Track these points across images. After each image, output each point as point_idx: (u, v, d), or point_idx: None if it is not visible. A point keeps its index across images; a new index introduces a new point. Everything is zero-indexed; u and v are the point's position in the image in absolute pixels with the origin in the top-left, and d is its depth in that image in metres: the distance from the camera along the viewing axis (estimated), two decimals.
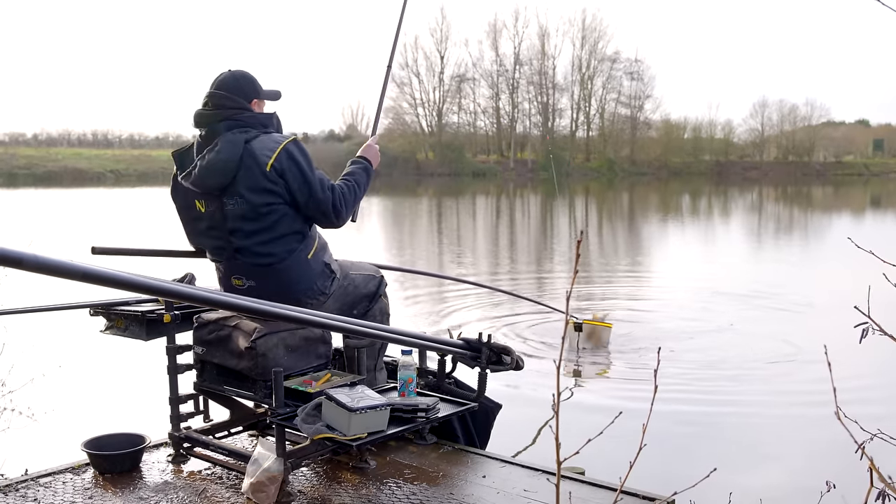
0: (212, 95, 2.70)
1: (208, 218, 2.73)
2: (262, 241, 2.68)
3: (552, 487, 2.50)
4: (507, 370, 3.03)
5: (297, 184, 2.66)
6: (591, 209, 27.37)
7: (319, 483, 2.73)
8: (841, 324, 2.25)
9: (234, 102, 2.69)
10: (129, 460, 2.84)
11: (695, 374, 5.64)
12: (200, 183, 2.66)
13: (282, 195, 2.65)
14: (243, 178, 2.61)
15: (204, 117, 2.69)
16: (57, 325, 5.24)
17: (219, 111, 2.68)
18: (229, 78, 2.74)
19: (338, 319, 2.54)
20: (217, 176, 2.62)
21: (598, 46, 58.22)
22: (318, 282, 2.83)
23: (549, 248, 15.15)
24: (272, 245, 2.69)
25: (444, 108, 57.31)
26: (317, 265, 2.82)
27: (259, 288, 2.73)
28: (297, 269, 2.75)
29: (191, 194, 2.75)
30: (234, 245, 2.71)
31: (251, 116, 2.71)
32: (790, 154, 59.95)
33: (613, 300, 8.84)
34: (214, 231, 2.74)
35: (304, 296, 2.79)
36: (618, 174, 54.08)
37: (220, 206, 2.69)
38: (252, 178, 2.61)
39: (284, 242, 2.71)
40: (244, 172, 2.61)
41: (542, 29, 60.67)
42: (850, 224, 20.21)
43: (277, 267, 2.72)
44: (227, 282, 2.83)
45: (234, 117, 2.67)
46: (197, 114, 2.71)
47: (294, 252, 2.73)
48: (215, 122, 2.67)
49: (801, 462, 4.06)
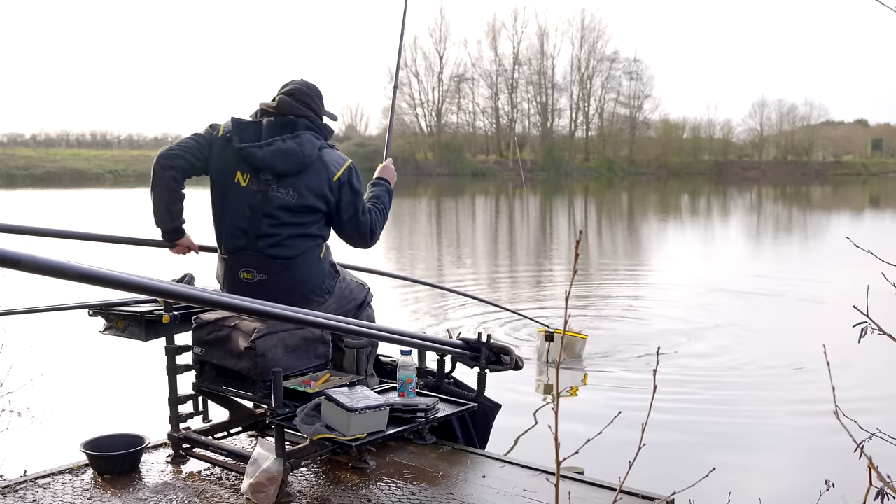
0: (297, 91, 2.84)
1: (246, 194, 2.74)
2: (290, 234, 2.73)
3: (551, 487, 2.50)
4: (506, 370, 3.04)
5: (347, 201, 2.79)
6: (590, 209, 27.38)
7: (319, 483, 2.72)
8: (840, 323, 2.25)
9: (313, 107, 2.87)
10: (129, 461, 2.84)
11: (694, 373, 5.64)
12: (269, 161, 2.69)
13: (330, 205, 2.78)
14: (307, 177, 2.72)
15: (288, 106, 2.81)
16: (56, 326, 5.24)
17: (302, 108, 2.83)
18: (313, 85, 2.92)
19: (337, 319, 2.54)
20: (290, 164, 2.70)
21: (597, 46, 58.33)
22: (326, 280, 2.86)
23: (547, 247, 15.15)
24: (297, 241, 2.75)
25: (443, 108, 57.43)
26: (325, 264, 2.87)
27: (270, 282, 2.74)
28: (309, 266, 2.80)
29: (236, 162, 2.75)
30: (261, 230, 2.71)
31: (325, 126, 2.89)
32: (789, 154, 59.97)
33: (613, 299, 8.84)
34: (247, 209, 2.74)
35: (312, 293, 2.81)
36: (617, 174, 54.10)
37: (265, 189, 2.72)
38: (317, 181, 2.73)
39: (307, 241, 2.78)
40: (312, 173, 2.73)
41: (541, 29, 60.53)
42: (849, 224, 20.23)
43: (293, 262, 2.76)
44: (233, 276, 2.80)
45: (312, 120, 2.84)
46: (282, 100, 2.81)
47: (309, 250, 2.79)
48: (296, 116, 2.80)
49: (801, 461, 4.06)
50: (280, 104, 2.82)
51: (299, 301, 2.70)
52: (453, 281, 10.16)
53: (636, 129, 59.10)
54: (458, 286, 9.40)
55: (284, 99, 2.83)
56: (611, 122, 59.52)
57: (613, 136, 58.86)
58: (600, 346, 6.42)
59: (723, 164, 57.99)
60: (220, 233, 2.85)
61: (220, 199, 2.83)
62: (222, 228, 2.83)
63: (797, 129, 60.37)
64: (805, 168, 57.40)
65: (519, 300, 8.78)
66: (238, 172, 2.75)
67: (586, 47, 58.06)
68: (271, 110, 2.83)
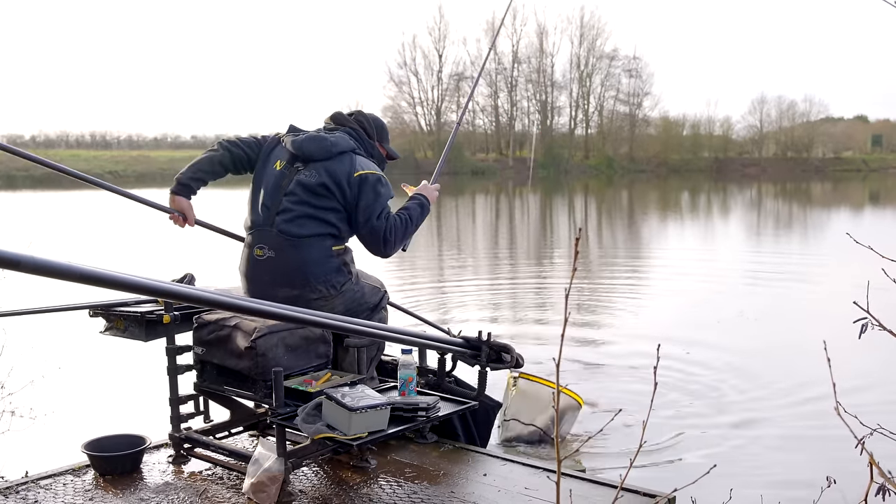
0: (357, 112, 3.16)
1: (278, 176, 2.93)
2: (304, 213, 2.83)
3: (553, 485, 2.50)
4: (507, 368, 3.04)
5: (365, 202, 2.87)
6: (590, 207, 27.38)
7: (320, 483, 2.73)
8: (841, 319, 2.25)
9: (364, 126, 3.11)
10: (130, 461, 2.84)
11: (694, 371, 5.64)
12: (299, 145, 2.91)
13: (347, 198, 2.86)
14: (331, 163, 2.88)
15: (340, 118, 3.11)
16: (56, 327, 5.23)
17: (351, 121, 3.09)
18: (376, 116, 3.23)
19: (337, 319, 2.55)
20: (316, 147, 2.90)
21: (597, 44, 58.17)
22: (332, 275, 2.87)
23: (548, 245, 15.15)
24: (309, 222, 2.83)
25: (442, 106, 57.26)
26: (336, 260, 2.89)
27: (277, 259, 2.82)
28: (317, 252, 2.83)
29: (279, 154, 2.99)
30: (282, 206, 2.86)
31: (369, 142, 3.10)
32: (789, 150, 59.90)
33: (613, 298, 8.84)
34: (275, 190, 2.91)
35: (316, 280, 2.83)
36: (617, 172, 54.03)
37: (294, 172, 2.91)
38: (339, 169, 2.87)
39: (319, 225, 2.84)
40: (336, 162, 2.89)
41: (540, 27, 60.31)
42: (849, 220, 20.22)
43: (302, 241, 2.82)
44: (248, 253, 2.92)
45: (356, 131, 3.06)
46: (337, 114, 3.12)
47: (322, 237, 2.85)
48: (342, 126, 3.07)
49: (802, 457, 4.06)
50: (334, 116, 3.11)
51: (302, 284, 2.79)
52: (453, 280, 10.17)
53: (636, 127, 59.02)
54: (458, 285, 9.41)
55: (341, 114, 3.12)
56: (610, 119, 59.43)
57: (613, 134, 58.77)
58: (600, 344, 6.42)
59: (723, 161, 57.91)
60: (248, 214, 2.99)
61: (255, 184, 3.00)
62: (250, 208, 2.97)
63: (797, 126, 60.30)
64: (805, 164, 57.33)
65: (518, 300, 8.79)
66: (278, 161, 2.97)
67: (585, 45, 57.98)
68: (326, 121, 3.12)
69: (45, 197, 30.18)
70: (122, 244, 13.06)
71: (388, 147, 3.22)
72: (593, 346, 6.49)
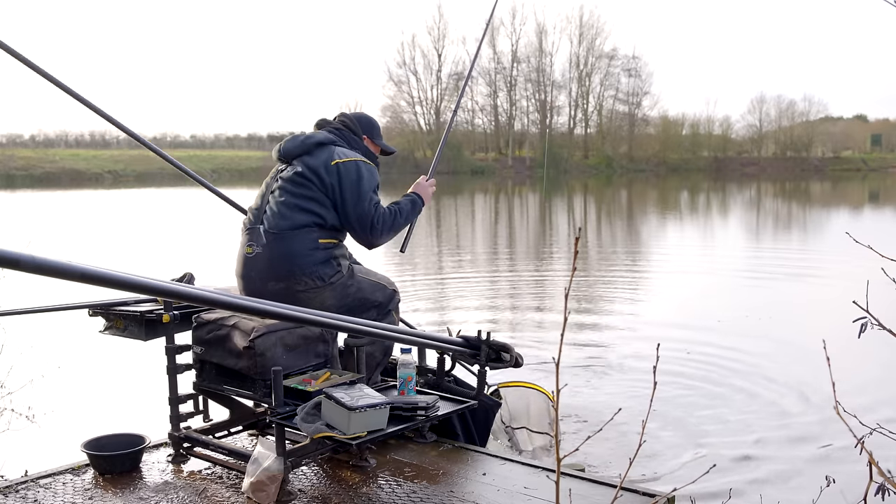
0: (342, 114, 3.22)
1: (269, 182, 3.04)
2: (288, 204, 2.88)
3: (552, 485, 2.50)
4: (506, 367, 3.04)
5: (349, 187, 2.89)
6: (589, 206, 27.37)
7: (319, 482, 2.73)
8: (841, 318, 2.25)
9: (348, 124, 3.15)
10: (129, 461, 2.84)
11: (694, 371, 5.64)
12: (280, 148, 3.03)
13: (326, 187, 2.89)
14: (310, 156, 2.96)
15: (322, 122, 3.17)
16: (56, 326, 5.23)
17: (335, 122, 3.15)
18: (362, 114, 3.27)
19: (338, 318, 2.54)
20: (294, 144, 2.99)
21: (596, 43, 58.23)
22: (318, 267, 2.85)
23: (547, 244, 15.15)
24: (292, 213, 2.87)
25: (441, 106, 57.24)
26: (324, 253, 2.87)
27: (264, 253, 2.85)
28: (302, 244, 2.84)
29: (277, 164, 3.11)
30: (269, 203, 2.94)
31: (353, 138, 3.12)
32: (788, 149, 59.93)
33: (613, 297, 8.84)
34: (263, 193, 3.01)
35: (301, 272, 2.82)
36: (616, 171, 54.04)
37: (278, 173, 3.02)
38: (318, 159, 2.94)
39: (302, 215, 2.87)
40: (315, 154, 2.96)
41: (539, 26, 60.23)
42: (849, 219, 20.22)
43: (286, 234, 2.83)
44: (241, 253, 2.96)
45: (340, 132, 3.10)
46: (320, 119, 3.19)
47: (307, 229, 2.86)
48: (325, 127, 3.13)
49: (801, 457, 4.06)
50: (317, 122, 3.19)
51: (287, 276, 2.80)
52: (453, 278, 10.17)
53: (635, 126, 59.05)
54: (458, 282, 9.41)
55: (324, 119, 3.19)
56: (609, 118, 59.47)
57: (612, 133, 58.80)
58: (599, 343, 6.42)
59: (722, 161, 57.94)
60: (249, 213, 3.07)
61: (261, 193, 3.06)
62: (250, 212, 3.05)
63: (796, 125, 60.33)
64: (804, 164, 57.36)
65: (518, 299, 8.79)
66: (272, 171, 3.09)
67: (585, 44, 58.03)
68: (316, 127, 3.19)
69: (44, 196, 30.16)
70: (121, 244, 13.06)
71: (381, 142, 3.23)
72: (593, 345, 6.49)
